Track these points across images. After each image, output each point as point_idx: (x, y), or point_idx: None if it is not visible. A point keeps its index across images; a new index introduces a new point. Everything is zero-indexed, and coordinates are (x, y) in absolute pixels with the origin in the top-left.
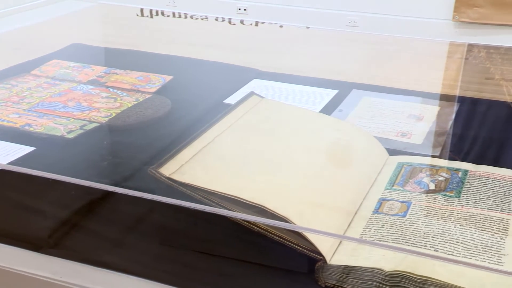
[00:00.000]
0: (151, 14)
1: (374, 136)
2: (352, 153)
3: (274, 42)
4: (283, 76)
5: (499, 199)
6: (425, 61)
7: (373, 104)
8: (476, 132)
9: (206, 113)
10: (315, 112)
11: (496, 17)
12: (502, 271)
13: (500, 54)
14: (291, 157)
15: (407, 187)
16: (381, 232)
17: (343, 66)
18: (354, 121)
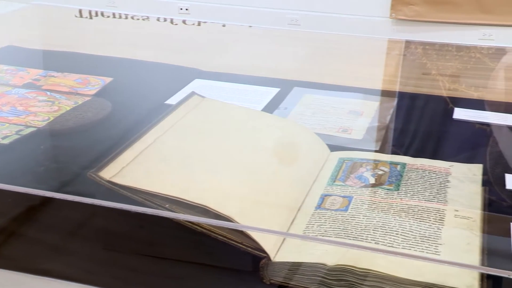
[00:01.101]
0: (90, 15)
1: (316, 133)
2: (294, 150)
3: (216, 41)
4: (225, 75)
5: (436, 190)
6: (365, 58)
7: (314, 101)
8: (414, 126)
9: (147, 114)
10: (257, 111)
11: (430, 15)
12: (439, 260)
13: (435, 50)
14: (233, 156)
15: (348, 182)
16: (323, 227)
17: (284, 64)
18: (295, 118)
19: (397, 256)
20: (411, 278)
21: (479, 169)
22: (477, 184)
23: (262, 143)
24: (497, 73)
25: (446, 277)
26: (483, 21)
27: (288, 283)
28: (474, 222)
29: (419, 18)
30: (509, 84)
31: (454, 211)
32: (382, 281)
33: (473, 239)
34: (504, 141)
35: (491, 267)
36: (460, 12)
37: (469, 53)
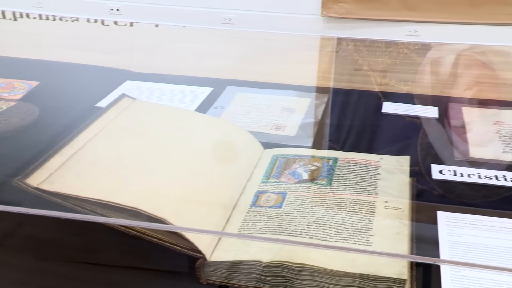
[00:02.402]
0: (14, 16)
1: (250, 131)
2: (227, 149)
3: (149, 42)
4: (158, 76)
5: (366, 183)
6: (298, 56)
7: (248, 99)
8: (345, 121)
9: (77, 118)
10: (190, 111)
11: (360, 12)
12: (370, 251)
13: (366, 47)
14: (166, 157)
15: (282, 178)
16: (258, 224)
17: (218, 63)
18: (229, 117)
19: (330, 249)
20: (344, 270)
21: (407, 161)
22: (405, 175)
23: (194, 144)
24: (424, 68)
25: (378, 267)
26: (408, 18)
27: (225, 282)
28: (403, 212)
29: (349, 15)
30: (434, 78)
31: (384, 202)
32: (316, 274)
33: (402, 229)
34: (430, 133)
35: (419, 255)
36: (387, 10)
37: (397, 49)
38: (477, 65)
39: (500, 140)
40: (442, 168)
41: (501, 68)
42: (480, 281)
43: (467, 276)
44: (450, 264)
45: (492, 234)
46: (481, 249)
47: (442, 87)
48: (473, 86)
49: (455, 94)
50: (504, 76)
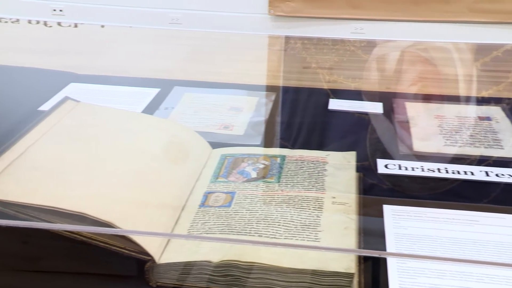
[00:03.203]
0: None
1: (198, 131)
2: (175, 150)
3: (94, 43)
4: (103, 78)
5: (314, 179)
6: (246, 55)
7: (195, 99)
8: (294, 118)
9: (19, 122)
10: (136, 113)
11: (306, 10)
12: (318, 247)
13: (313, 44)
14: (113, 160)
15: (230, 177)
16: (208, 224)
17: (165, 64)
18: (177, 118)
19: (279, 247)
20: (293, 266)
21: (353, 156)
22: (352, 171)
23: (141, 145)
24: (370, 64)
25: (327, 262)
26: (354, 16)
27: (176, 284)
28: (350, 207)
29: (296, 14)
30: (380, 74)
31: (331, 198)
32: (266, 272)
33: (349, 223)
34: (376, 128)
35: (366, 249)
36: (333, 8)
37: (344, 46)
38: (420, 61)
39: (442, 134)
40: (387, 162)
41: (443, 64)
42: (425, 272)
43: (412, 267)
44: (396, 256)
45: (435, 225)
46: (426, 240)
47: (388, 83)
48: (417, 82)
49: (399, 90)
50: (445, 71)
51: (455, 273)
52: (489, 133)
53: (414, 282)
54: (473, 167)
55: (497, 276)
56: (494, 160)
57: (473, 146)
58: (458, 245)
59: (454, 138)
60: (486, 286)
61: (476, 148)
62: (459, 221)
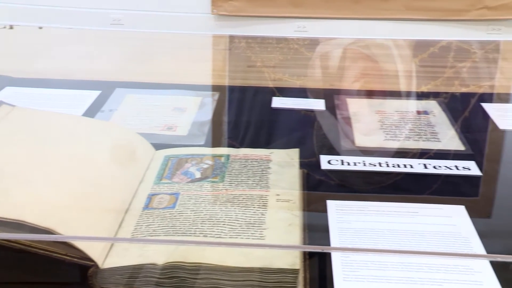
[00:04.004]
0: None
1: (140, 133)
2: (116, 153)
3: (32, 45)
4: (41, 81)
5: (258, 177)
6: (191, 55)
7: (138, 101)
8: (238, 117)
9: None
10: (76, 116)
11: (249, 10)
12: (263, 244)
13: (258, 43)
14: (51, 165)
15: (174, 179)
16: (152, 227)
17: (106, 65)
18: (119, 120)
19: (224, 246)
20: (239, 265)
21: (296, 153)
22: (295, 168)
23: (81, 149)
24: (314, 62)
25: (272, 259)
26: (296, 14)
27: None
28: (294, 204)
29: (239, 13)
30: (324, 71)
31: (276, 195)
32: (212, 272)
33: (294, 220)
34: (318, 125)
35: (311, 245)
36: (276, 7)
37: (288, 45)
38: (362, 58)
39: (383, 128)
40: (330, 158)
41: (383, 60)
42: (368, 264)
43: (355, 260)
44: (339, 251)
45: (377, 218)
46: (368, 233)
47: (332, 80)
48: (359, 78)
49: (342, 87)
50: (386, 67)
51: (396, 264)
52: (426, 126)
53: (357, 275)
54: (412, 160)
55: (435, 265)
56: (431, 153)
57: (412, 139)
58: (399, 237)
59: (394, 133)
60: (425, 275)
61: (415, 141)
62: (399, 213)
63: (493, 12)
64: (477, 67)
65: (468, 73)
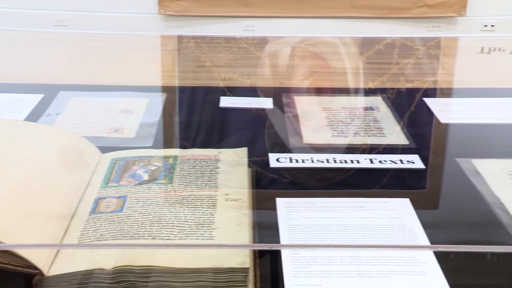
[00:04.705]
0: None
1: (86, 136)
2: (61, 158)
3: None
4: None
5: (207, 178)
6: (138, 56)
7: (83, 104)
8: (186, 118)
9: None
10: (17, 120)
11: (197, 9)
12: (212, 244)
13: (207, 43)
14: None
15: (122, 182)
16: (99, 231)
17: (50, 68)
18: (63, 124)
19: (173, 248)
20: (189, 266)
21: (245, 152)
22: (244, 167)
23: (25, 155)
24: (263, 61)
25: (222, 259)
26: (244, 14)
27: None
28: (243, 202)
29: (187, 13)
30: (273, 70)
31: (225, 195)
32: (162, 274)
33: (243, 219)
34: (267, 123)
35: (261, 243)
36: (223, 6)
37: (237, 44)
38: (310, 56)
39: (330, 125)
40: (278, 156)
41: (331, 58)
42: (317, 260)
43: (305, 256)
44: (287, 248)
45: (325, 214)
46: (317, 229)
47: (281, 78)
48: (308, 76)
49: (292, 85)
50: (334, 65)
51: (344, 258)
52: (372, 122)
53: (307, 271)
54: (359, 156)
55: (382, 257)
56: (377, 148)
57: (358, 135)
58: (347, 231)
59: (341, 129)
60: (373, 268)
61: (361, 137)
62: (347, 208)
63: (433, 10)
64: (421, 63)
65: (412, 69)
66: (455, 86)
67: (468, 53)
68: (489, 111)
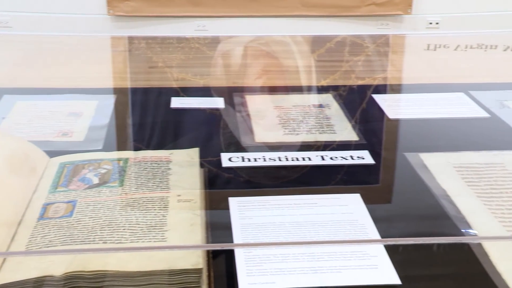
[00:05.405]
0: None
1: (33, 141)
2: (6, 163)
3: None
4: None
5: (158, 179)
6: (88, 57)
7: (29, 107)
8: (138, 120)
9: None
10: None
11: (147, 9)
12: (164, 246)
13: (158, 44)
14: None
15: (71, 186)
16: (48, 237)
17: None
18: (8, 129)
19: (125, 251)
20: (142, 269)
21: (196, 153)
22: (195, 167)
23: None
24: (216, 61)
25: (175, 261)
26: (195, 14)
27: None
28: (195, 203)
29: (137, 13)
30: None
31: (177, 196)
32: (114, 279)
33: (195, 220)
34: (218, 123)
35: (214, 243)
36: (174, 6)
37: (189, 44)
38: (262, 55)
39: (281, 123)
40: (231, 155)
41: (283, 57)
42: (270, 258)
43: (258, 255)
44: (240, 247)
45: (278, 211)
46: (270, 227)
47: (234, 78)
48: (261, 75)
49: (245, 84)
50: (286, 63)
51: (297, 255)
52: (323, 119)
53: (261, 269)
54: (310, 153)
55: (334, 253)
56: (328, 145)
57: (309, 132)
58: (300, 228)
59: (292, 127)
60: (326, 263)
61: (312, 134)
62: (299, 205)
63: (380, 8)
64: (371, 61)
65: (363, 67)
66: (404, 83)
67: (415, 50)
68: (435, 106)
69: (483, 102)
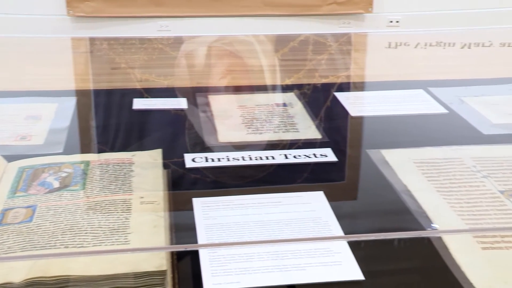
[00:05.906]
0: None
1: None
2: None
3: None
4: None
5: (121, 182)
6: (47, 59)
7: None
8: (99, 122)
9: None
10: None
11: (108, 10)
12: (127, 249)
13: (120, 44)
14: None
15: (31, 191)
16: (6, 244)
17: None
18: None
19: (88, 255)
20: (104, 273)
21: (159, 154)
22: (158, 169)
23: None
24: (179, 61)
25: (138, 263)
26: (158, 14)
27: None
28: (158, 205)
29: (98, 14)
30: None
31: (139, 198)
32: (76, 284)
33: (159, 221)
34: (181, 124)
35: (178, 244)
36: (136, 6)
37: (152, 45)
38: (226, 55)
39: (244, 123)
40: (194, 156)
41: (247, 56)
42: (235, 257)
43: (223, 255)
44: (204, 247)
45: (243, 211)
46: (234, 227)
47: (198, 78)
48: (225, 75)
49: (209, 84)
50: (250, 63)
51: (262, 254)
52: (286, 118)
53: (225, 269)
54: (274, 152)
55: (298, 250)
56: (291, 143)
57: (272, 131)
58: (264, 227)
59: (256, 126)
60: (290, 261)
61: (275, 133)
62: (264, 204)
63: (341, 7)
64: (334, 59)
65: (326, 65)
66: (366, 80)
67: (377, 48)
68: (396, 103)
69: (442, 98)
